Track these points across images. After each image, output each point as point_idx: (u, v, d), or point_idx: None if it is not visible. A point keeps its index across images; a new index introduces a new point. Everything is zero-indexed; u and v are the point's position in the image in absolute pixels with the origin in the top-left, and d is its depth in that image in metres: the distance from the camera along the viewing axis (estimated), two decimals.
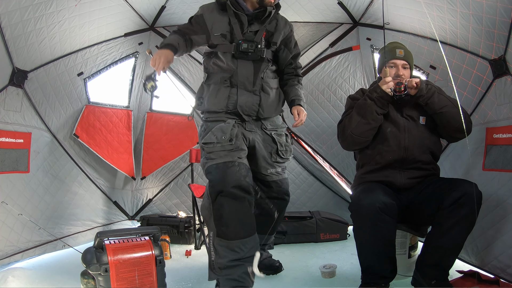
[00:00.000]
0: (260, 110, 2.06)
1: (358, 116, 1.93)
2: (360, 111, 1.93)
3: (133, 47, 3.31)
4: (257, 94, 2.05)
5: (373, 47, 3.25)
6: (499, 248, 1.90)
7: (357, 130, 1.93)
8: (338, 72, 3.45)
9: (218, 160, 1.92)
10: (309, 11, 3.18)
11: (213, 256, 1.85)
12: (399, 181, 1.91)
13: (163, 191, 3.66)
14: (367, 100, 1.92)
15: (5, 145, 2.36)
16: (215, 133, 1.95)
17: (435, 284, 1.73)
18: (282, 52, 2.16)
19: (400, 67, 1.97)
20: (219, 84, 2.02)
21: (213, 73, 2.05)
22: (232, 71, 2.01)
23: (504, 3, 1.85)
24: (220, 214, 1.81)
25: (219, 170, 1.88)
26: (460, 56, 2.29)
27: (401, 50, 1.99)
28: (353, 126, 1.93)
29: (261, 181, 2.15)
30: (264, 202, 2.13)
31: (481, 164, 2.12)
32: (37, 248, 2.56)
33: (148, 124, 3.51)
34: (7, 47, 2.27)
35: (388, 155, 1.92)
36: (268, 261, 2.30)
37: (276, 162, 2.14)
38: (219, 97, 2.02)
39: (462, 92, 2.30)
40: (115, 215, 3.41)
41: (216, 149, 1.93)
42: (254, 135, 2.07)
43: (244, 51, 1.98)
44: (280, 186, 2.18)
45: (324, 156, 3.53)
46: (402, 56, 1.98)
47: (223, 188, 1.82)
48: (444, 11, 2.21)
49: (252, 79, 2.03)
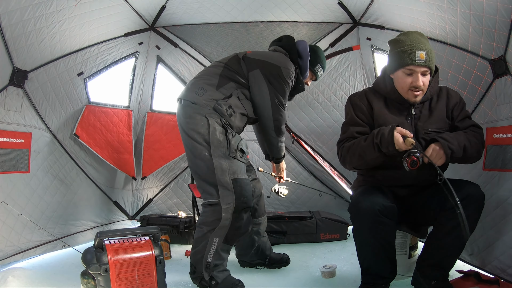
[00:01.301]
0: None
1: (361, 159, 1.73)
2: (364, 156, 1.72)
3: (133, 47, 3.31)
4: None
5: (373, 47, 3.25)
6: (499, 248, 1.89)
7: (360, 167, 1.85)
8: (338, 72, 3.45)
9: (245, 174, 2.01)
10: (309, 11, 3.18)
11: (210, 258, 1.92)
12: (402, 193, 1.88)
13: (164, 191, 3.66)
14: (374, 150, 1.66)
15: (5, 145, 2.36)
16: (246, 146, 2.05)
17: (435, 284, 1.73)
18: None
19: (419, 75, 1.68)
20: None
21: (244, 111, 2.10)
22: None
23: (504, 3, 1.84)
24: (239, 226, 1.94)
25: (248, 188, 1.97)
26: (460, 56, 2.29)
27: (423, 53, 1.65)
28: (355, 164, 1.80)
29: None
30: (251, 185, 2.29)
31: (481, 164, 2.11)
32: (38, 248, 2.56)
33: (149, 124, 3.51)
34: (7, 47, 2.27)
35: (393, 180, 1.84)
36: (276, 255, 2.38)
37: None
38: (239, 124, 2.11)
39: (462, 92, 2.29)
40: (115, 215, 3.41)
41: (243, 160, 2.01)
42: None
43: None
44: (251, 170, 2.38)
45: (324, 156, 3.53)
46: (424, 62, 1.66)
47: (251, 204, 1.97)
48: (445, 10, 2.21)
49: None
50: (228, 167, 1.91)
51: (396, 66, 1.75)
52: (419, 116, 1.79)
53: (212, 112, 1.97)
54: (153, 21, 3.33)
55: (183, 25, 3.41)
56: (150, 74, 3.55)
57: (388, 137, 1.60)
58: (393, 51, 1.77)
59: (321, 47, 3.39)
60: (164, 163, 3.53)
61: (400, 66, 1.72)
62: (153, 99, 3.58)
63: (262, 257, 2.36)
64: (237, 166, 1.95)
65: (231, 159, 1.92)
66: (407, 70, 1.70)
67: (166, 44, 3.48)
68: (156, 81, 3.58)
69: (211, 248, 1.92)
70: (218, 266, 1.95)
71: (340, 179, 3.46)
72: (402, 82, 1.74)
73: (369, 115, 1.85)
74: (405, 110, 1.81)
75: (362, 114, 1.85)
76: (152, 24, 3.35)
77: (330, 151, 3.52)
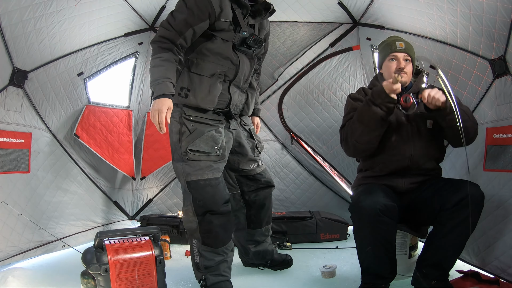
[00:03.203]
0: (245, 108, 2.04)
1: (362, 125, 1.79)
2: (363, 119, 1.78)
3: (133, 47, 3.31)
4: (245, 92, 2.01)
5: (373, 47, 3.25)
6: (500, 248, 1.90)
7: (362, 139, 1.81)
8: (338, 72, 3.45)
9: (205, 175, 1.82)
10: (309, 11, 3.18)
11: (197, 259, 1.92)
12: (401, 186, 1.90)
13: (164, 191, 3.66)
14: (370, 106, 1.75)
15: (5, 145, 2.36)
16: (206, 142, 1.83)
17: (435, 284, 1.73)
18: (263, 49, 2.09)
19: (401, 60, 1.87)
20: (213, 77, 1.82)
21: (205, 61, 1.80)
22: (231, 64, 1.83)
23: (504, 3, 1.85)
24: (208, 229, 1.86)
25: (208, 189, 1.82)
26: (460, 56, 2.29)
27: (401, 42, 1.89)
28: (357, 135, 1.81)
29: (246, 176, 2.19)
30: (253, 195, 2.22)
31: (482, 164, 2.11)
32: (38, 249, 2.56)
33: (149, 124, 3.50)
34: (7, 47, 2.27)
35: (392, 164, 1.88)
36: (279, 256, 2.34)
37: (257, 156, 2.19)
38: (213, 93, 1.82)
39: (462, 92, 2.30)
40: (115, 215, 3.41)
41: (202, 158, 1.83)
42: (237, 133, 2.07)
43: (250, 46, 1.83)
44: (265, 176, 2.24)
45: (324, 157, 3.52)
46: (403, 49, 1.88)
47: (214, 207, 1.84)
48: (444, 10, 2.21)
49: (247, 76, 1.94)
50: (182, 170, 1.84)
51: (382, 58, 1.97)
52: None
53: (174, 111, 1.82)
54: (153, 21, 3.32)
55: None
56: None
57: (379, 88, 1.76)
58: (379, 49, 2.02)
59: (321, 47, 3.44)
60: (163, 163, 3.52)
61: (385, 56, 1.93)
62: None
63: (263, 260, 2.33)
64: (192, 167, 1.82)
65: (186, 161, 1.83)
66: (391, 57, 1.91)
67: None
68: None
69: (194, 249, 1.93)
70: (210, 268, 1.90)
71: (340, 179, 3.46)
72: (389, 68, 1.92)
73: None
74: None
75: (360, 102, 1.93)
76: (152, 24, 3.35)
77: (330, 151, 3.52)
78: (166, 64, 1.69)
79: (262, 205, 2.27)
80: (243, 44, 1.81)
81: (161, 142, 3.50)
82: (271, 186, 2.30)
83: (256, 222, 2.29)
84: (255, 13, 1.87)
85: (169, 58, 1.70)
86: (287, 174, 3.57)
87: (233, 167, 2.15)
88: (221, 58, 1.80)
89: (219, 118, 1.92)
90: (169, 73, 1.69)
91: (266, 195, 2.27)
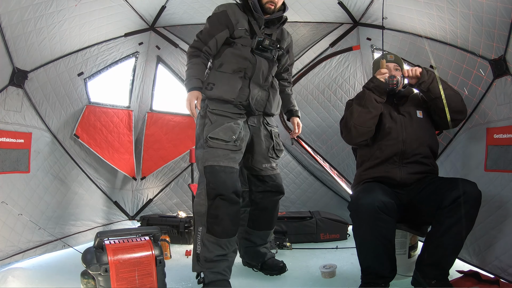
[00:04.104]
0: (267, 105, 2.21)
1: (359, 107, 1.99)
2: (360, 102, 2.01)
3: (133, 47, 3.31)
4: (267, 90, 2.20)
5: (373, 47, 3.25)
6: (501, 248, 1.90)
7: (359, 120, 1.97)
8: (338, 72, 3.45)
9: (221, 161, 1.98)
10: (309, 11, 3.18)
11: (198, 249, 1.96)
12: (399, 176, 1.92)
13: (164, 191, 3.66)
14: (365, 91, 2.03)
15: (5, 145, 2.36)
16: (225, 131, 2.01)
17: (435, 284, 1.73)
18: (284, 58, 2.32)
19: (392, 69, 2.12)
20: (234, 73, 2.08)
21: (228, 62, 2.09)
22: (249, 64, 2.09)
23: (504, 3, 1.85)
24: (216, 214, 1.94)
25: (222, 174, 1.96)
26: (460, 56, 2.29)
27: (391, 55, 2.19)
28: (355, 116, 1.98)
29: (256, 176, 2.28)
30: (259, 196, 2.29)
31: (483, 164, 2.11)
32: (38, 248, 2.56)
33: (149, 124, 3.51)
34: (7, 47, 2.27)
35: (387, 149, 1.96)
36: (272, 261, 2.31)
37: (272, 157, 2.27)
38: (232, 85, 2.06)
39: (462, 92, 2.30)
40: (115, 215, 3.41)
41: (221, 146, 1.99)
42: (255, 130, 2.21)
43: (265, 47, 2.11)
44: (275, 180, 2.29)
45: (324, 156, 3.53)
46: (393, 60, 2.16)
47: (224, 192, 1.94)
48: (444, 10, 2.21)
49: (266, 75, 2.15)
50: (202, 156, 2.01)
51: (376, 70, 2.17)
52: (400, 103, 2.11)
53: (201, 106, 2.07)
54: (153, 21, 3.33)
55: (183, 25, 3.41)
56: (150, 74, 3.55)
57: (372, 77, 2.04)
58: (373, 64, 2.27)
59: (321, 47, 3.44)
60: (163, 163, 3.53)
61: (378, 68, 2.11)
62: (153, 99, 3.59)
63: (253, 261, 2.34)
64: (211, 153, 1.98)
65: (206, 148, 2.00)
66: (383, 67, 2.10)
67: (166, 44, 3.48)
68: (156, 81, 3.58)
69: (197, 238, 1.97)
70: (210, 264, 1.93)
71: (340, 179, 3.46)
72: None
73: None
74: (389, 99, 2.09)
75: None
76: (152, 24, 3.36)
77: (330, 151, 3.52)
78: (195, 66, 2.06)
79: (265, 209, 2.30)
80: (259, 46, 2.11)
81: (161, 142, 3.50)
82: (279, 193, 2.33)
83: (255, 224, 2.32)
84: (269, 23, 2.19)
85: (197, 62, 2.07)
86: (287, 174, 3.57)
87: (246, 163, 2.25)
88: (241, 59, 2.09)
89: (240, 111, 2.10)
90: (197, 73, 2.05)
91: (272, 200, 2.31)
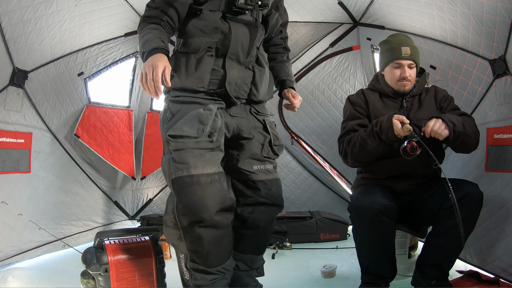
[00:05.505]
0: (253, 90, 1.58)
1: (362, 150, 1.78)
2: (365, 146, 1.77)
3: (133, 47, 3.31)
4: (251, 69, 1.58)
5: (374, 47, 3.25)
6: (502, 248, 1.89)
7: (361, 160, 1.85)
8: (338, 72, 3.45)
9: (192, 169, 1.38)
10: (309, 11, 3.18)
11: (186, 276, 1.54)
12: (401, 188, 1.90)
13: (164, 191, 3.66)
14: (375, 139, 1.73)
15: (6, 145, 2.36)
16: (190, 123, 1.41)
17: (435, 284, 1.73)
18: (272, 18, 1.67)
19: (406, 67, 1.85)
20: (200, 52, 1.48)
21: (192, 37, 1.49)
22: (220, 34, 1.49)
23: (504, 3, 1.84)
24: (196, 249, 1.43)
25: (196, 188, 1.37)
26: (460, 56, 2.29)
27: (407, 48, 1.83)
28: (356, 156, 1.83)
29: (244, 182, 1.60)
30: (248, 210, 1.59)
31: (484, 165, 2.11)
32: (38, 249, 2.57)
33: (149, 124, 3.51)
34: (8, 47, 2.27)
35: (392, 169, 1.87)
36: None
37: (267, 157, 1.65)
38: (200, 69, 1.48)
39: (462, 92, 2.30)
40: (115, 215, 3.41)
41: (189, 146, 1.40)
42: (241, 122, 1.59)
43: (240, 8, 1.48)
44: (270, 188, 1.61)
45: (324, 157, 3.52)
46: (409, 56, 1.83)
47: (203, 216, 1.38)
48: (445, 10, 2.21)
49: (247, 47, 1.54)
50: (168, 166, 1.44)
51: (385, 62, 1.93)
52: (410, 108, 1.93)
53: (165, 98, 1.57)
54: None
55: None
56: None
57: (387, 124, 1.69)
58: (382, 50, 1.97)
59: (321, 47, 3.44)
60: None
61: (389, 62, 1.90)
62: (153, 99, 3.58)
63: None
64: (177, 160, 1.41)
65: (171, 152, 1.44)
66: (395, 64, 1.88)
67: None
68: None
69: (181, 265, 1.56)
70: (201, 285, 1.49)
71: (340, 179, 3.46)
72: (392, 75, 1.91)
73: (367, 108, 1.96)
74: (397, 102, 1.95)
75: (360, 108, 1.96)
76: None
77: (330, 151, 3.52)
78: (154, 30, 1.44)
79: (255, 227, 1.60)
80: (232, 7, 1.48)
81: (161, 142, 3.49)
82: (276, 206, 1.64)
83: (239, 244, 1.63)
84: None
85: (157, 27, 1.45)
86: (287, 174, 3.57)
87: (230, 164, 1.59)
88: (208, 30, 1.48)
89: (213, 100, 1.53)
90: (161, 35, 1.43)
91: (265, 215, 1.61)
